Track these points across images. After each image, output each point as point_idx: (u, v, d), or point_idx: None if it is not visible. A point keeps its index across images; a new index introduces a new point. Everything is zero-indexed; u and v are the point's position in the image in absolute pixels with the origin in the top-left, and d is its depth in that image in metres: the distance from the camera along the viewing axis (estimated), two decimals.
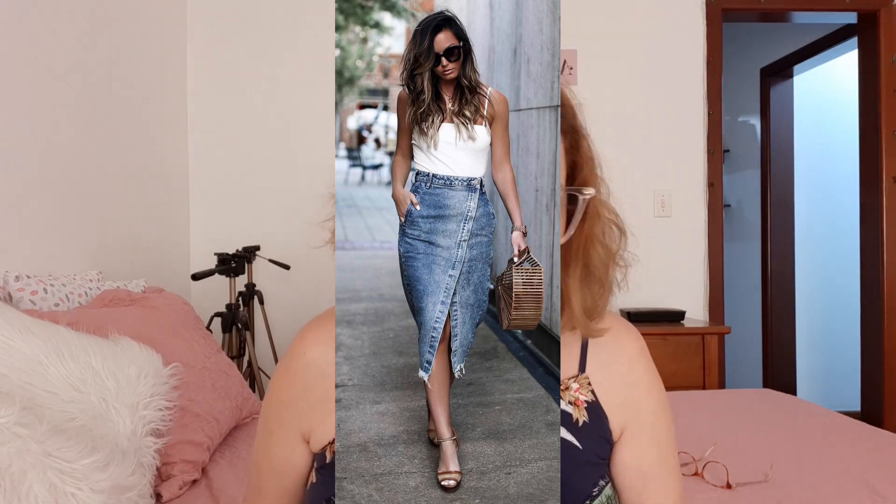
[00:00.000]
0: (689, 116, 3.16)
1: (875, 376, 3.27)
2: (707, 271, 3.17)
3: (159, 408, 1.38)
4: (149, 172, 2.63)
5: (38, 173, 1.91)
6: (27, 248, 1.85)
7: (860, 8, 3.22)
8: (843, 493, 1.38)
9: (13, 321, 1.26)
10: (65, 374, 1.24)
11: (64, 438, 1.08)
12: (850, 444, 1.69)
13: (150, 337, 1.57)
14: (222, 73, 3.03)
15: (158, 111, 2.75)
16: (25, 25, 1.85)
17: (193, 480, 1.45)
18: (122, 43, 2.41)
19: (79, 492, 1.05)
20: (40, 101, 1.92)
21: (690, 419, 1.92)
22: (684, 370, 2.74)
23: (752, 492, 1.39)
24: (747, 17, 3.36)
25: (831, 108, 4.41)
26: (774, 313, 4.24)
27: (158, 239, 2.71)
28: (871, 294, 3.31)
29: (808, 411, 2.01)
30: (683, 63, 3.16)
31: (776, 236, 4.27)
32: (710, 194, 3.17)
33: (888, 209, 3.21)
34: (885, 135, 3.20)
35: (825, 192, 4.44)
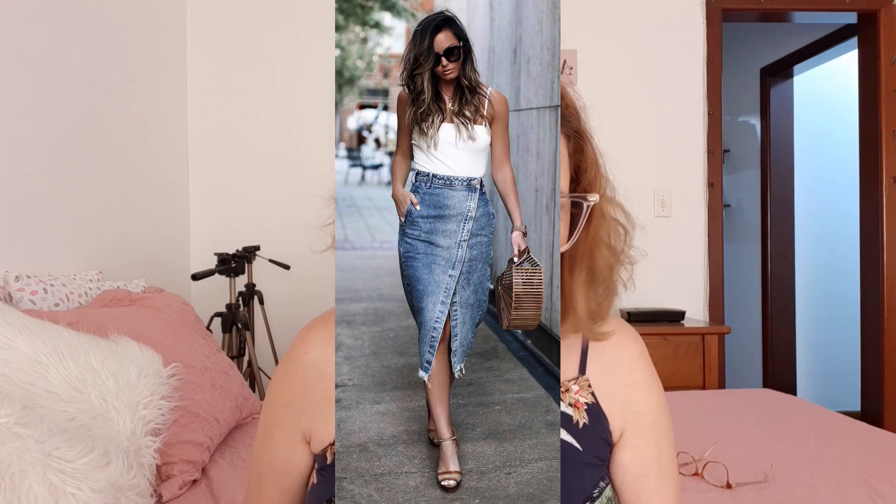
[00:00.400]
0: (689, 116, 3.16)
1: (875, 376, 3.27)
2: (707, 271, 3.17)
3: (159, 408, 1.38)
4: (149, 172, 2.63)
5: (38, 173, 1.91)
6: (27, 248, 1.85)
7: (860, 8, 3.22)
8: (843, 493, 1.38)
9: (13, 321, 1.26)
10: (65, 374, 1.24)
11: (64, 438, 1.08)
12: (850, 444, 1.69)
13: (150, 337, 1.57)
14: (222, 73, 3.03)
15: (158, 111, 2.75)
16: (25, 26, 1.85)
17: (193, 480, 1.45)
18: (122, 43, 2.41)
19: (79, 492, 1.05)
20: (40, 101, 1.92)
21: (690, 419, 1.92)
22: (684, 370, 2.74)
23: (752, 492, 1.39)
24: (747, 17, 3.36)
25: (831, 108, 4.40)
26: (774, 313, 4.23)
27: (158, 239, 2.71)
28: (871, 294, 3.31)
29: (808, 411, 2.01)
30: (683, 63, 3.16)
31: (776, 236, 4.26)
32: (710, 194, 3.17)
33: (888, 209, 3.21)
34: (885, 135, 3.19)
35: (825, 191, 4.44)
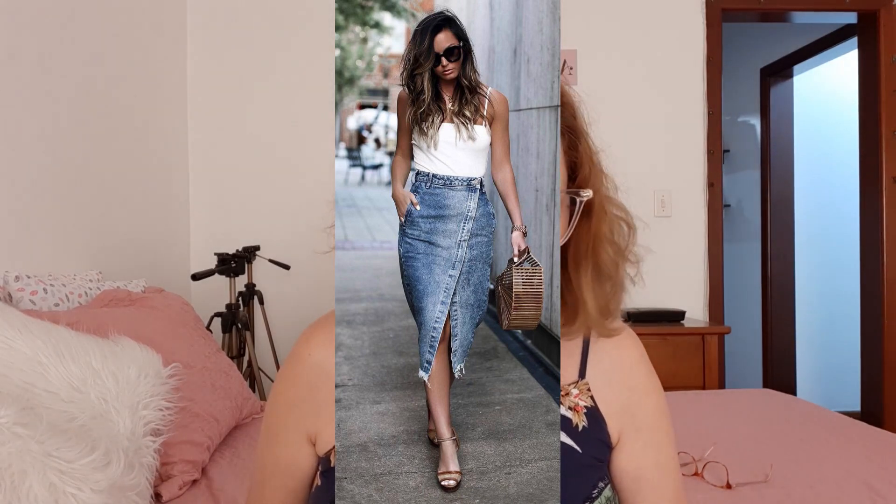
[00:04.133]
0: (689, 116, 3.16)
1: (875, 376, 3.27)
2: (707, 271, 3.17)
3: (159, 408, 1.37)
4: (149, 172, 2.63)
5: (39, 173, 1.91)
6: (27, 248, 1.85)
7: (860, 8, 3.22)
8: (843, 493, 1.38)
9: (13, 321, 1.26)
10: (65, 374, 1.24)
11: (64, 438, 1.08)
12: (850, 444, 1.69)
13: (150, 337, 1.57)
14: (222, 72, 3.03)
15: (158, 111, 2.75)
16: (25, 26, 1.85)
17: (193, 480, 1.45)
18: (122, 43, 2.41)
19: (79, 492, 1.05)
20: (40, 101, 1.92)
21: (690, 419, 1.92)
22: (684, 370, 2.74)
23: (752, 492, 1.39)
24: (747, 17, 3.36)
25: (831, 108, 4.40)
26: (774, 313, 4.23)
27: (158, 239, 2.71)
28: (871, 294, 3.30)
29: (808, 411, 2.01)
30: (683, 63, 3.16)
31: (776, 236, 4.26)
32: (710, 194, 3.17)
33: (888, 209, 3.21)
34: (885, 135, 3.19)
35: (825, 191, 4.44)
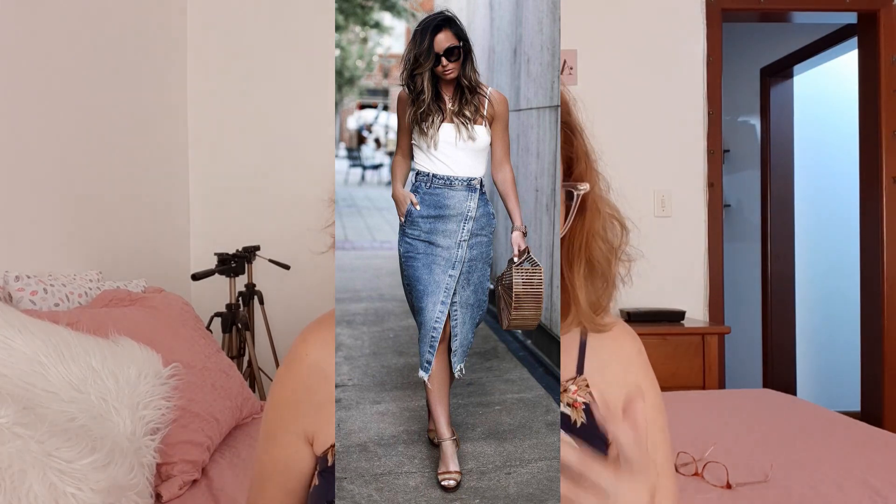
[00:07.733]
0: (689, 116, 3.16)
1: (875, 376, 3.27)
2: (707, 271, 3.17)
3: (159, 408, 1.37)
4: (149, 172, 2.63)
5: (39, 173, 1.91)
6: (27, 248, 1.85)
7: (860, 8, 3.21)
8: (843, 493, 1.38)
9: (13, 321, 1.26)
10: (65, 374, 1.24)
11: (64, 438, 1.08)
12: (850, 444, 1.69)
13: (150, 337, 1.57)
14: (222, 72, 3.03)
15: (158, 111, 2.75)
16: (26, 25, 1.85)
17: (193, 480, 1.45)
18: (122, 43, 2.41)
19: (79, 492, 1.05)
20: (40, 101, 1.92)
21: (690, 419, 1.92)
22: (684, 370, 2.74)
23: (752, 492, 1.39)
24: (747, 17, 3.36)
25: (831, 108, 4.40)
26: (774, 313, 4.23)
27: (158, 239, 2.71)
28: (871, 294, 3.30)
29: (808, 411, 2.01)
30: (683, 63, 3.16)
31: (776, 236, 4.26)
32: (710, 194, 3.17)
33: (888, 209, 3.21)
34: (885, 135, 3.19)
35: (825, 192, 4.44)
